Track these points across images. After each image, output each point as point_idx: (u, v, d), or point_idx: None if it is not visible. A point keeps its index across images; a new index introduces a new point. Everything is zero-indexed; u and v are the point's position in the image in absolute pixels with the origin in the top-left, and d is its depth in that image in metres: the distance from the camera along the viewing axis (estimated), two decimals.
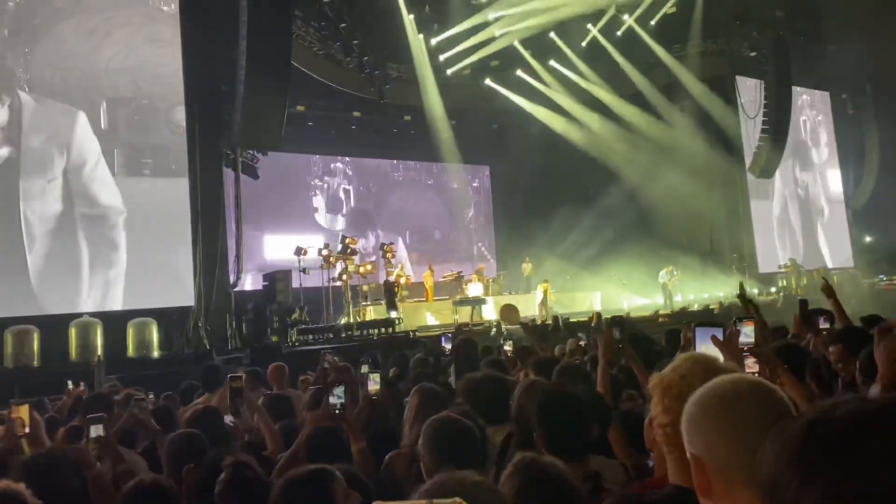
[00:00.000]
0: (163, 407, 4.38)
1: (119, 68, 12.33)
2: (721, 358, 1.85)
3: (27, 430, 2.79)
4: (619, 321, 3.52)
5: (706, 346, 1.93)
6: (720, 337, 1.93)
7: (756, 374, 2.53)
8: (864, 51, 20.68)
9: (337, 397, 2.91)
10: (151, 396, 5.56)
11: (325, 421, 2.91)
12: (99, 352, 10.57)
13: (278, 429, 3.39)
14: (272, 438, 3.34)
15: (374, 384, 3.65)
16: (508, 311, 14.67)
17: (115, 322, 11.15)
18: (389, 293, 14.69)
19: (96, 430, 2.79)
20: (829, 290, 4.85)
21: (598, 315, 14.72)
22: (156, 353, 11.31)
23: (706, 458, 1.11)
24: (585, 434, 2.24)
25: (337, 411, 2.89)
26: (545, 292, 17.48)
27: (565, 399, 2.30)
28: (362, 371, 4.50)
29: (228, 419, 3.70)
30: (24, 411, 2.82)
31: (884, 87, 22.98)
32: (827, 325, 4.50)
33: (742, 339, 2.68)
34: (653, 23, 18.86)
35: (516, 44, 18.68)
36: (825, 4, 18.18)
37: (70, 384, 5.74)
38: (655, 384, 1.56)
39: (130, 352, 11.17)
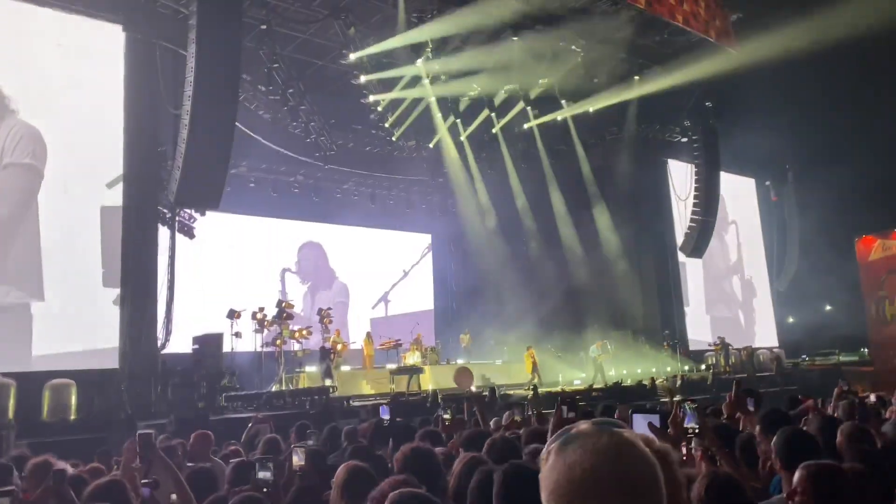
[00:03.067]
0: (76, 476, 4.10)
1: (59, 114, 12.11)
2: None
3: None
4: (570, 399, 3.45)
5: (643, 431, 1.94)
6: (657, 424, 1.94)
7: (698, 456, 2.57)
8: (785, 141, 22.06)
9: (265, 471, 2.76)
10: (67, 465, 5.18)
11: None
12: (10, 415, 9.90)
13: None
14: (184, 500, 3.14)
15: (298, 458, 3.42)
16: (461, 375, 14.12)
17: (30, 383, 10.51)
18: (325, 360, 14.39)
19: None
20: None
21: (535, 388, 14.76)
22: (73, 418, 10.67)
23: None
24: None
25: (265, 489, 2.73)
26: (532, 358, 17.65)
27: (531, 478, 2.24)
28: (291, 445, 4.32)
29: (146, 491, 3.48)
30: None
31: (804, 175, 24.43)
32: (752, 408, 4.64)
33: (687, 423, 2.75)
34: (591, 110, 19.75)
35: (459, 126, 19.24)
36: (750, 96, 19.39)
37: None
38: None
39: (45, 415, 10.52)
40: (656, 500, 1.05)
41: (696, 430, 2.51)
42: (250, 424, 7.67)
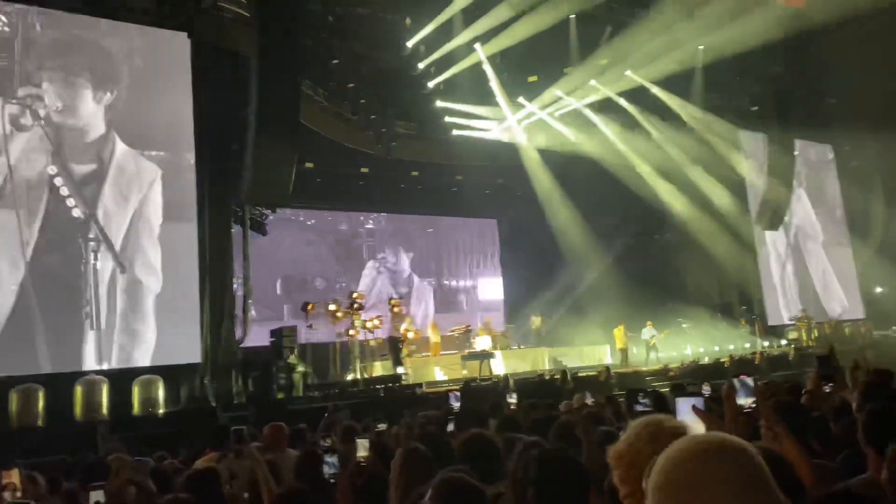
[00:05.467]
0: (157, 469, 4.33)
1: (130, 124, 12.66)
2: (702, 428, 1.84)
3: (19, 493, 2.76)
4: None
5: (689, 417, 1.91)
6: (700, 406, 1.90)
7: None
8: (865, 103, 20.93)
9: (330, 466, 2.84)
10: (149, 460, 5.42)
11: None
12: (104, 410, 10.51)
13: None
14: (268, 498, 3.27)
15: (362, 450, 3.45)
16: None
17: (120, 380, 11.12)
18: (395, 349, 14.62)
19: (96, 497, 2.76)
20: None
21: (608, 369, 14.58)
22: (161, 411, 11.23)
23: None
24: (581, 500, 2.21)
25: (331, 480, 2.82)
26: (623, 338, 17.49)
27: (565, 464, 2.26)
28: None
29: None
30: (14, 475, 2.77)
31: (886, 139, 23.10)
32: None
33: (740, 399, 2.65)
34: (655, 90, 19.28)
35: (522, 100, 18.96)
36: (823, 59, 18.48)
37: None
38: (610, 456, 1.56)
39: (136, 410, 11.10)
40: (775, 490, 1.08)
41: (752, 407, 2.44)
42: (326, 413, 7.89)
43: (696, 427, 1.86)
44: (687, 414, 1.90)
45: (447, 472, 2.37)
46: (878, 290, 24.82)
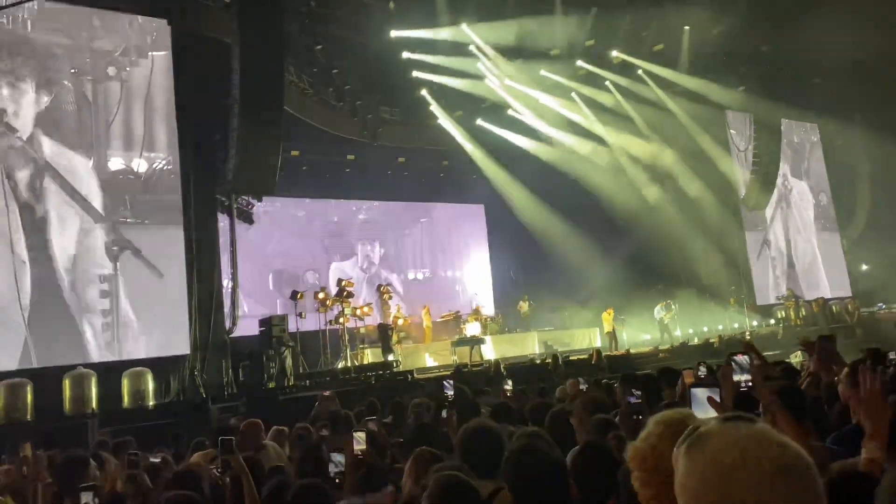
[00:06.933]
0: (153, 466, 4.28)
1: (113, 117, 12.48)
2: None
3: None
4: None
5: (702, 407, 1.87)
6: (717, 398, 1.86)
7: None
8: (850, 82, 20.95)
9: (335, 465, 2.80)
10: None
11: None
12: (93, 404, 10.42)
13: None
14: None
15: (358, 443, 3.39)
16: None
17: (109, 373, 11.01)
18: (384, 336, 14.58)
19: (86, 498, 2.70)
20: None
21: (598, 352, 14.62)
22: (151, 404, 11.14)
23: None
24: (558, 494, 2.21)
25: (337, 480, 2.79)
26: (611, 321, 17.50)
27: (533, 455, 2.27)
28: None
29: None
30: (27, 449, 2.70)
31: (871, 117, 23.21)
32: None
33: (736, 376, 2.67)
34: (640, 70, 19.22)
35: (508, 82, 18.85)
36: (809, 38, 18.44)
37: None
38: (630, 457, 1.52)
39: (125, 403, 11.01)
40: (815, 481, 1.01)
41: (748, 384, 2.44)
42: (317, 403, 7.85)
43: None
44: (702, 404, 1.86)
45: (442, 470, 2.34)
46: (864, 268, 25.02)
